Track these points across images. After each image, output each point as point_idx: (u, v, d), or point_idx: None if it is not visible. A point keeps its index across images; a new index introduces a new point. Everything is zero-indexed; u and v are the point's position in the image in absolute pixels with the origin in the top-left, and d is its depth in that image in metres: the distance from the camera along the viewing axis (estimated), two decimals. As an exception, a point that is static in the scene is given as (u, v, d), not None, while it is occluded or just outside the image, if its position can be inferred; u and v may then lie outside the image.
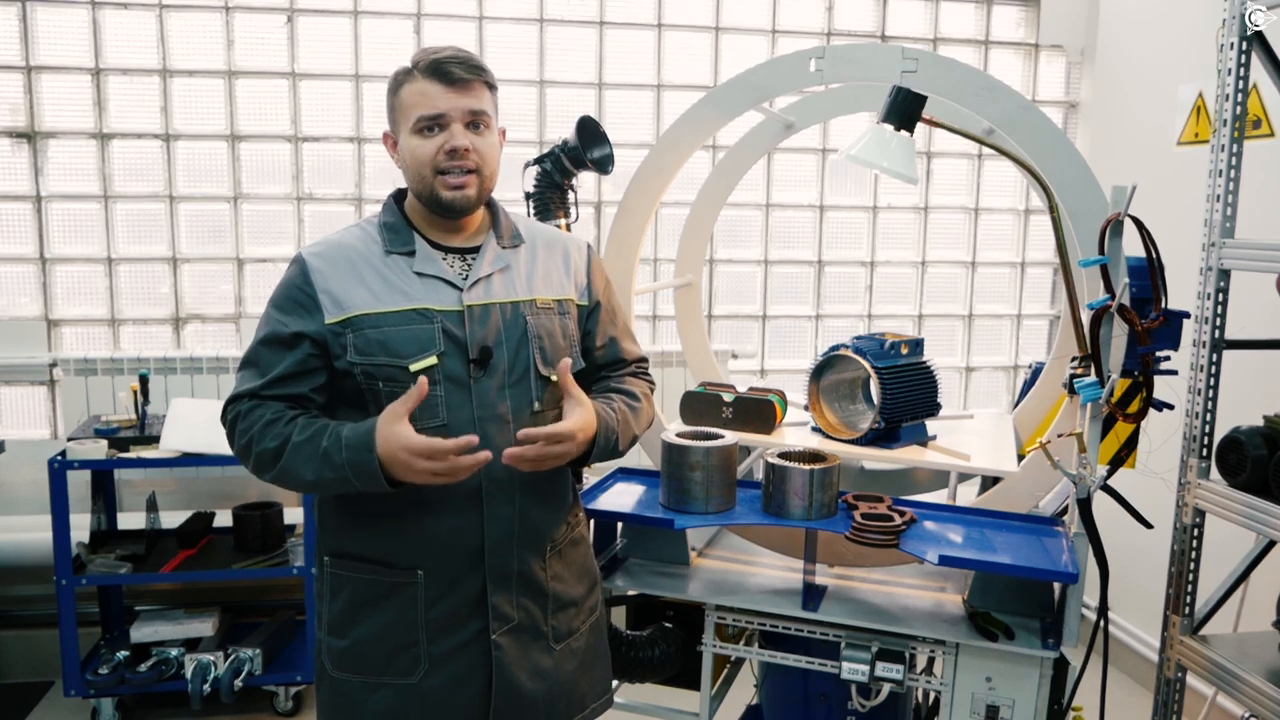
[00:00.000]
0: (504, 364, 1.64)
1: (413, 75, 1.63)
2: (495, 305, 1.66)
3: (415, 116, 1.61)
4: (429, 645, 1.64)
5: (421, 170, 1.63)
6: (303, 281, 1.62)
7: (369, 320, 1.60)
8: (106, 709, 3.15)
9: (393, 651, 1.65)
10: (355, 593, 1.66)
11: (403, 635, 1.64)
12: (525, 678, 1.69)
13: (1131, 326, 1.75)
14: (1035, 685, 1.80)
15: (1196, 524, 2.26)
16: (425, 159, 1.62)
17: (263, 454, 1.57)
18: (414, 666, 1.65)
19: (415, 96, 1.62)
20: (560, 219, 2.45)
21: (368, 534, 1.65)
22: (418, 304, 1.62)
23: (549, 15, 3.70)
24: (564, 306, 1.75)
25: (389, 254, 1.65)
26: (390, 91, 1.67)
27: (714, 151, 3.71)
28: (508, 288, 1.69)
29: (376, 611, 1.65)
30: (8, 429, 3.52)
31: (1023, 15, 4.00)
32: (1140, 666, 3.46)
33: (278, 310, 1.63)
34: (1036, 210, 4.08)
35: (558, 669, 1.74)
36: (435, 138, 1.62)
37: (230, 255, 3.63)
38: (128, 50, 3.48)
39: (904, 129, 1.90)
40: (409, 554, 1.63)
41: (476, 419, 1.61)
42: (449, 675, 1.65)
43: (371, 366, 1.59)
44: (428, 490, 1.57)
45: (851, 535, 1.85)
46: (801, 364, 3.92)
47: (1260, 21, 2.10)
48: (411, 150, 1.63)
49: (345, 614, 1.67)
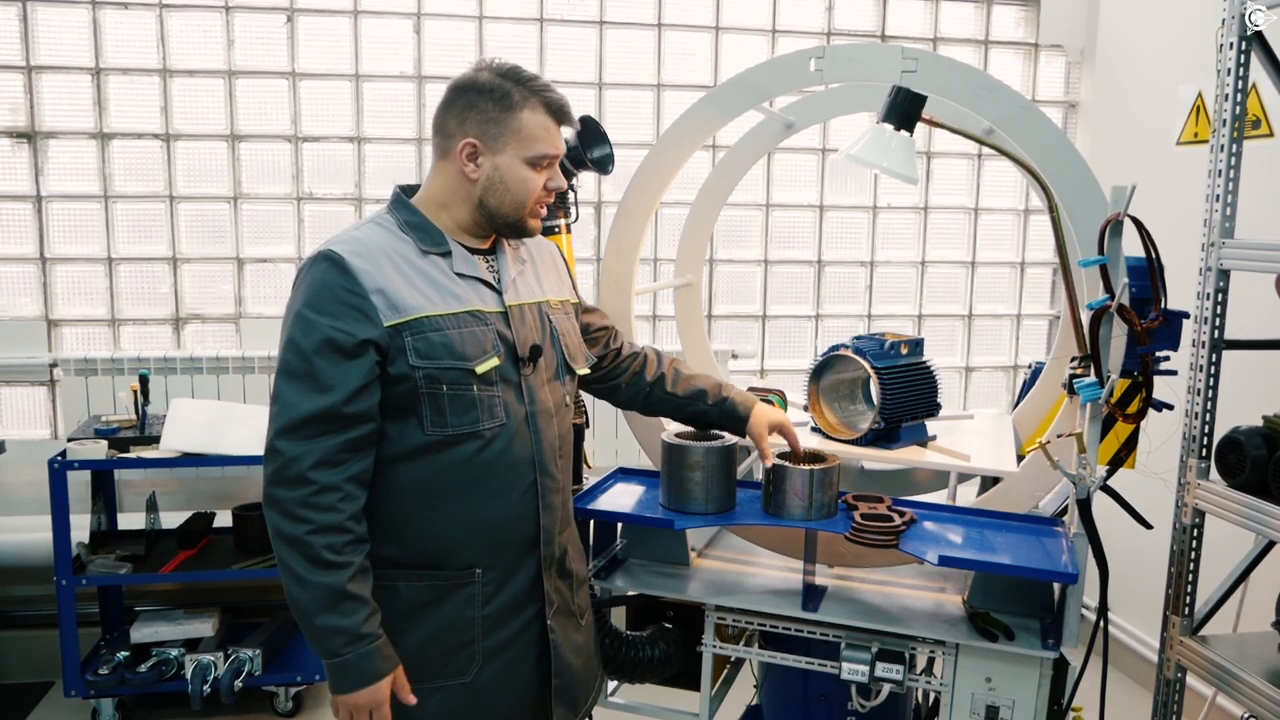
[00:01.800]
0: (543, 361, 1.71)
1: (533, 104, 1.62)
2: (528, 306, 1.71)
3: (538, 151, 1.63)
4: (484, 640, 1.66)
5: (522, 199, 1.64)
6: (348, 282, 1.51)
7: (430, 323, 1.55)
8: (106, 709, 3.15)
9: (449, 653, 1.64)
10: (407, 599, 1.62)
11: (459, 635, 1.64)
12: (570, 656, 1.76)
13: (1131, 326, 1.75)
14: (1035, 685, 1.80)
15: (1196, 524, 2.26)
16: (533, 193, 1.65)
17: (313, 558, 1.47)
18: (469, 665, 1.65)
19: (540, 130, 1.62)
20: (560, 219, 2.45)
21: (417, 537, 1.62)
22: (470, 306, 1.61)
23: (549, 15, 3.70)
24: (567, 307, 1.83)
25: (425, 253, 1.61)
26: (501, 108, 1.60)
27: (714, 151, 3.71)
28: (530, 289, 1.74)
29: (428, 617, 1.63)
30: (8, 429, 3.52)
31: (1023, 15, 4.00)
32: (1140, 667, 3.46)
33: (325, 316, 1.50)
34: (1036, 210, 4.08)
35: (587, 644, 1.85)
36: (543, 174, 1.65)
37: (230, 255, 3.63)
38: (128, 50, 3.48)
39: (904, 129, 1.90)
40: (465, 553, 1.63)
41: (529, 414, 1.66)
42: (502, 667, 1.68)
43: (436, 370, 1.55)
44: (487, 484, 1.62)
45: (851, 535, 1.85)
46: (801, 364, 3.91)
47: (1260, 21, 2.09)
48: (522, 180, 1.63)
49: (393, 624, 1.59)
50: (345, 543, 1.50)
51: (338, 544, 1.49)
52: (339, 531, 1.49)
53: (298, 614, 1.51)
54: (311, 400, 1.49)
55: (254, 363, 3.50)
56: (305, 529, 1.47)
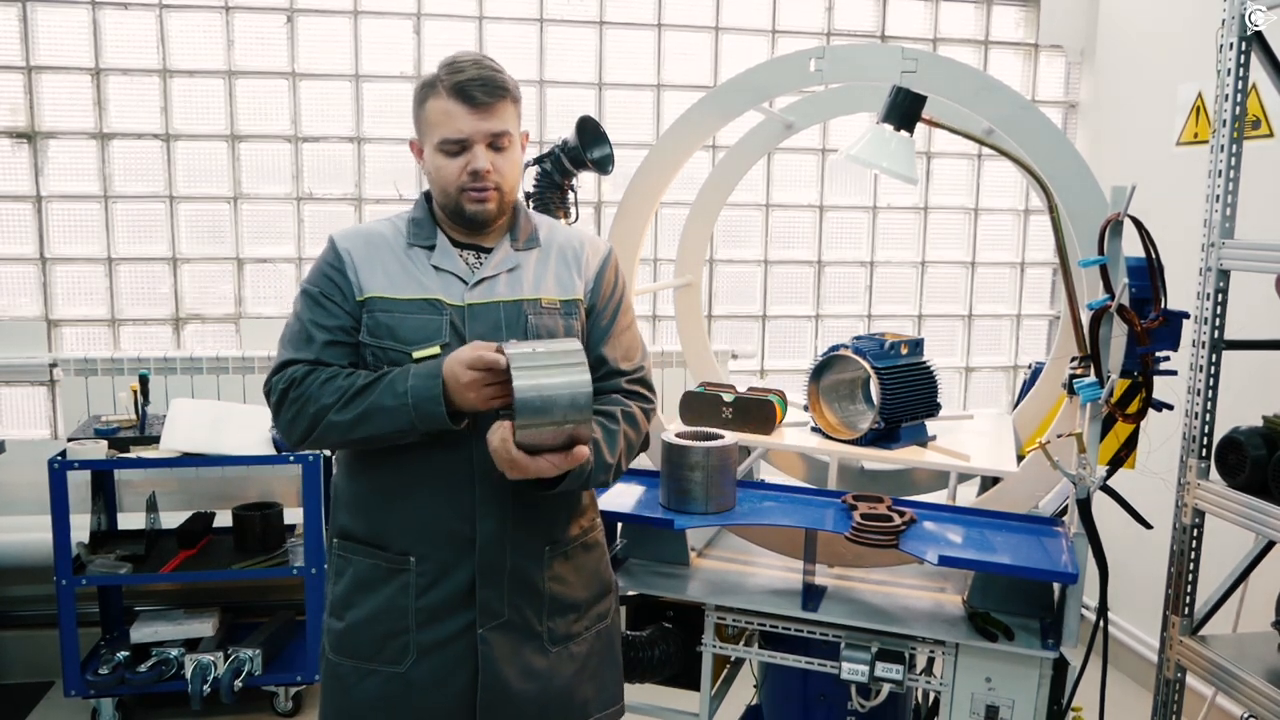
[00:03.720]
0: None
1: (437, 91, 1.65)
2: (499, 304, 1.69)
3: (439, 138, 1.65)
4: (418, 634, 1.67)
5: (446, 187, 1.68)
6: (334, 259, 1.69)
7: (382, 303, 1.66)
8: (106, 709, 3.15)
9: (384, 637, 1.68)
10: (355, 575, 1.71)
11: (394, 621, 1.67)
12: (514, 676, 1.69)
13: (1131, 327, 1.75)
14: (1035, 685, 1.80)
15: (1196, 524, 2.26)
16: (450, 178, 1.66)
17: (322, 409, 1.59)
18: (403, 654, 1.67)
19: (439, 116, 1.64)
20: (560, 219, 2.45)
21: (370, 515, 1.70)
22: (430, 294, 1.66)
23: (549, 15, 3.70)
24: (570, 307, 1.75)
25: (411, 246, 1.71)
26: (416, 103, 1.69)
27: (714, 151, 3.71)
28: (513, 287, 1.71)
29: (372, 595, 1.68)
30: (8, 429, 3.52)
31: (1022, 15, 4.00)
32: (1140, 667, 3.46)
33: (315, 286, 1.69)
34: (1036, 210, 4.08)
35: (553, 671, 1.73)
36: (459, 159, 1.65)
37: (230, 255, 3.63)
38: (128, 50, 3.48)
39: (904, 129, 1.90)
40: (402, 539, 1.67)
41: (472, 414, 1.60)
42: (436, 666, 1.67)
43: (379, 349, 1.65)
44: (423, 477, 1.64)
45: (851, 535, 1.85)
46: (801, 364, 3.91)
47: (1260, 21, 2.09)
48: (437, 168, 1.67)
49: (344, 596, 1.72)
50: (327, 378, 1.62)
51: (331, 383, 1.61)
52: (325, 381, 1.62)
53: (356, 424, 1.59)
54: (300, 351, 1.66)
55: (254, 363, 3.50)
56: (296, 405, 1.62)
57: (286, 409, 1.64)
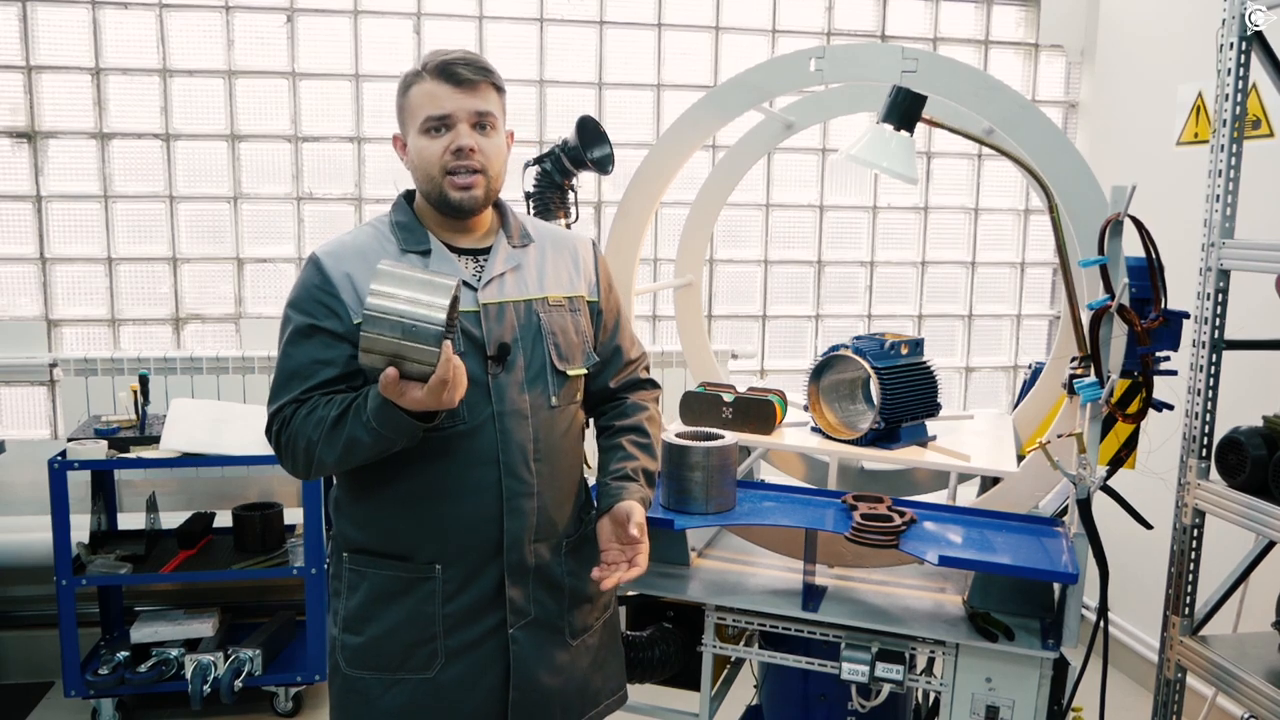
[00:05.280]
0: (521, 361, 1.66)
1: (421, 77, 1.65)
2: (510, 304, 1.67)
3: (423, 117, 1.63)
4: (446, 639, 1.65)
5: (429, 170, 1.64)
6: (322, 281, 1.61)
7: None
8: (106, 709, 3.15)
9: (410, 646, 1.65)
10: (373, 588, 1.67)
11: (420, 630, 1.65)
12: (543, 672, 1.71)
13: (1131, 327, 1.75)
14: (1035, 686, 1.80)
15: (1196, 524, 2.26)
16: (433, 159, 1.63)
17: (310, 444, 1.56)
18: (431, 661, 1.66)
19: (423, 98, 1.64)
20: (560, 219, 2.45)
21: (386, 528, 1.66)
22: None
23: (549, 15, 3.69)
24: (575, 304, 1.76)
25: (405, 253, 1.65)
26: (399, 93, 1.69)
27: (714, 151, 3.71)
28: (520, 286, 1.70)
29: (394, 606, 1.65)
30: (8, 429, 3.52)
31: (1023, 15, 4.00)
32: (1140, 667, 3.46)
33: (301, 312, 1.62)
34: (1036, 210, 4.08)
35: (574, 664, 1.76)
36: (442, 138, 1.63)
37: (230, 255, 3.63)
38: (128, 50, 3.48)
39: (904, 129, 1.90)
40: (427, 548, 1.64)
41: (496, 415, 1.62)
42: (466, 669, 1.66)
43: None
44: (447, 484, 1.61)
45: (851, 535, 1.85)
46: (801, 364, 3.91)
47: (1260, 21, 2.10)
48: (419, 151, 1.64)
49: (361, 610, 1.67)
50: (306, 413, 1.58)
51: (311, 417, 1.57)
52: (305, 416, 1.57)
53: (345, 454, 1.55)
54: (290, 392, 1.61)
55: (254, 363, 3.50)
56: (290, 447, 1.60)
57: (284, 453, 1.62)
